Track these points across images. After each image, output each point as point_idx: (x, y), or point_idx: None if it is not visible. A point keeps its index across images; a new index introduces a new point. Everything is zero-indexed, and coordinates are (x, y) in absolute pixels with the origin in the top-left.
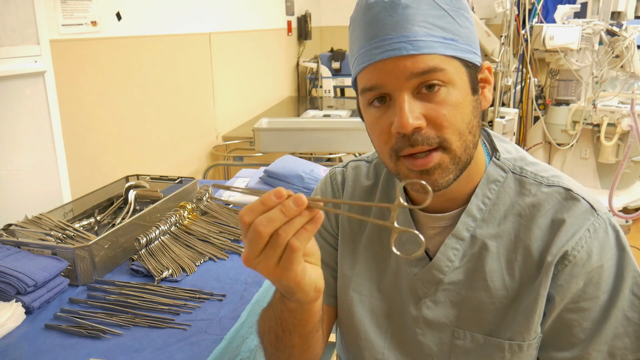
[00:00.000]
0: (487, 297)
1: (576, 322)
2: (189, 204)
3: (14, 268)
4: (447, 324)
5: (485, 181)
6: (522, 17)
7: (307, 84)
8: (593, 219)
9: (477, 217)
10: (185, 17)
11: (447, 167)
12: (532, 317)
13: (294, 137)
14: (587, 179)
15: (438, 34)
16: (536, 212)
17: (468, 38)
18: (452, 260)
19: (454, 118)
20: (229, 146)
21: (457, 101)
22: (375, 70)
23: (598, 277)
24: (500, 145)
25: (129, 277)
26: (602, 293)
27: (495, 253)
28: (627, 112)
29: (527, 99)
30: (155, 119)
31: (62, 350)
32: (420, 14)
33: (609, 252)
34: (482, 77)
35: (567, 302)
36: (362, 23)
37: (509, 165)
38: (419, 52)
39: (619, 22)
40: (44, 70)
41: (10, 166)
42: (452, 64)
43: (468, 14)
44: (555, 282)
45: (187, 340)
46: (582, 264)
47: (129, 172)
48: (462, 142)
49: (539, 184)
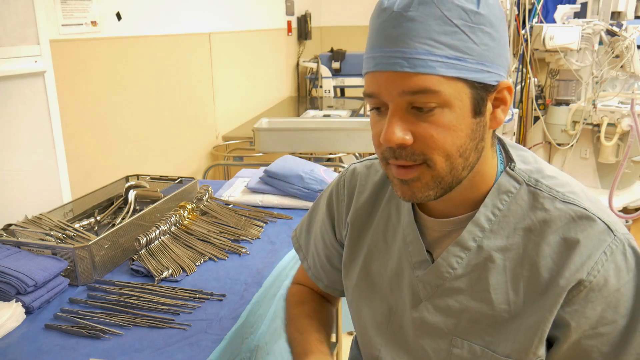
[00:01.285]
0: (488, 310)
1: (595, 347)
2: (189, 204)
3: (14, 268)
4: (445, 331)
5: (497, 191)
6: (522, 17)
7: (307, 84)
8: (610, 241)
9: (486, 227)
10: (185, 17)
11: (427, 183)
12: (533, 337)
13: (294, 137)
14: (587, 179)
15: (441, 53)
16: (547, 229)
17: (482, 56)
18: (455, 268)
19: (444, 140)
20: (229, 146)
21: (451, 124)
22: (374, 79)
23: (616, 301)
24: (517, 154)
25: (129, 277)
26: (621, 317)
27: (501, 266)
28: (627, 112)
29: (527, 99)
30: (155, 119)
31: (62, 350)
32: (424, 30)
33: (627, 275)
34: (498, 97)
35: (585, 328)
36: (372, 27)
37: (524, 176)
38: (415, 70)
39: (619, 22)
40: (44, 70)
41: (10, 166)
42: (452, 85)
43: (493, 28)
44: (569, 307)
45: (187, 340)
46: (599, 289)
47: (129, 172)
48: (448, 164)
49: (554, 198)
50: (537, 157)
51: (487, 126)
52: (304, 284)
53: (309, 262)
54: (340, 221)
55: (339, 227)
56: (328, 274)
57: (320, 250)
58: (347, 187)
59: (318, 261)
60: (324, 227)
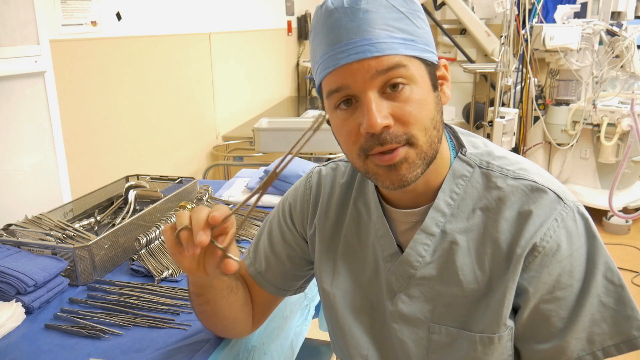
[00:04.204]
0: (459, 292)
1: (553, 312)
2: (189, 204)
3: (14, 268)
4: (422, 320)
5: (452, 176)
6: (522, 17)
7: (307, 84)
8: (560, 208)
9: (446, 212)
10: (185, 17)
11: (413, 161)
12: (501, 309)
13: (294, 137)
14: (587, 179)
15: (399, 36)
16: (502, 205)
17: (425, 38)
18: (423, 256)
19: (420, 114)
20: (229, 146)
21: (421, 98)
22: (341, 73)
23: (570, 265)
24: (467, 139)
25: (129, 277)
26: (576, 281)
27: (465, 247)
28: (627, 112)
29: (527, 99)
30: (155, 119)
31: (62, 350)
32: (380, 18)
33: (578, 240)
34: (440, 75)
35: (542, 293)
36: (324, 29)
37: (475, 160)
38: (383, 53)
39: (619, 22)
40: (44, 70)
41: (10, 166)
42: (413, 62)
43: (423, 15)
44: (526, 273)
45: (187, 340)
46: (552, 254)
47: (129, 172)
48: (427, 138)
49: (505, 176)
50: (487, 141)
51: (441, 101)
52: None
53: (257, 266)
54: (305, 220)
55: (302, 226)
56: (284, 275)
57: (281, 251)
58: (315, 188)
59: (275, 262)
60: (285, 226)
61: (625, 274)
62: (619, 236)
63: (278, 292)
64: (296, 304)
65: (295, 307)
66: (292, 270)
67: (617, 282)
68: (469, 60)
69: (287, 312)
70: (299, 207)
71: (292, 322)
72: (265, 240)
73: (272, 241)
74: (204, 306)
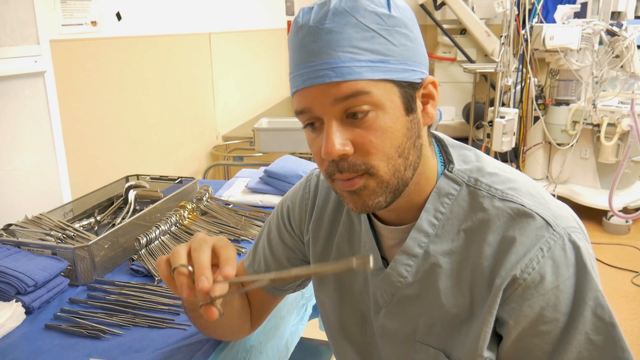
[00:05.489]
0: (441, 314)
1: (537, 346)
2: (189, 204)
3: (14, 268)
4: (404, 337)
5: (437, 195)
6: (522, 17)
7: None
8: (547, 236)
9: (430, 232)
10: (185, 17)
11: (374, 190)
12: (477, 340)
13: (294, 137)
14: (587, 179)
15: (364, 58)
16: (486, 229)
17: (403, 56)
18: (405, 276)
19: (382, 144)
20: (229, 146)
21: (386, 125)
22: (303, 96)
23: (555, 299)
24: (458, 153)
25: (129, 277)
26: (561, 315)
27: (448, 270)
28: (627, 112)
29: (527, 99)
30: (155, 119)
31: (62, 350)
32: (344, 39)
33: (566, 271)
34: (425, 93)
35: (524, 326)
36: (292, 46)
37: (463, 177)
38: (343, 78)
39: (619, 22)
40: (44, 70)
41: (10, 166)
42: (381, 86)
43: (407, 29)
44: (507, 305)
45: (187, 340)
46: (535, 286)
47: (129, 172)
48: (390, 167)
49: (492, 197)
50: (481, 154)
51: (420, 123)
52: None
53: (256, 267)
54: (303, 224)
55: (300, 229)
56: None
57: (280, 253)
58: (312, 192)
59: (274, 264)
60: (284, 228)
61: (625, 274)
62: (619, 236)
63: (277, 292)
64: (293, 304)
65: (291, 307)
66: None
67: (607, 320)
68: (469, 60)
69: (284, 312)
70: (297, 211)
71: (289, 322)
72: (265, 241)
73: (271, 243)
74: (199, 319)
